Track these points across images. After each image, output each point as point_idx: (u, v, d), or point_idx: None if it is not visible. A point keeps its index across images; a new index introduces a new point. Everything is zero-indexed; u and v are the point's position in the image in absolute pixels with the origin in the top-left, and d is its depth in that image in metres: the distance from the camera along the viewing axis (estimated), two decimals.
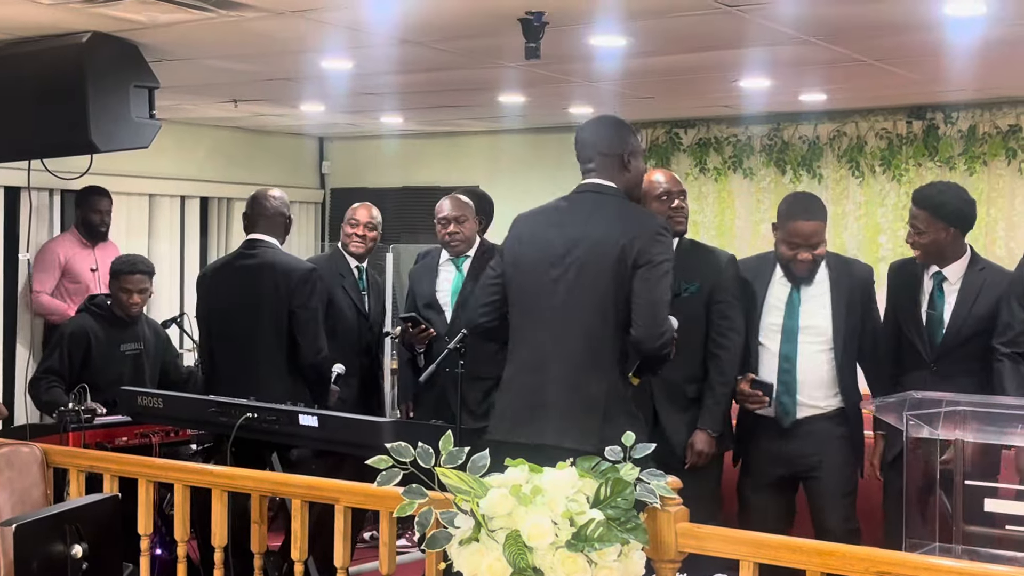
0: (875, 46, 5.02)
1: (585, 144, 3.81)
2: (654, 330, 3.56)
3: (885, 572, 2.58)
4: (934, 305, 4.17)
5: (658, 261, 3.59)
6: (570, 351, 3.61)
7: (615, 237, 3.60)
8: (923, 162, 7.23)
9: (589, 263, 3.61)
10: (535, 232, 3.79)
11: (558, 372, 3.61)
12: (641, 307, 3.56)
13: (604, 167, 3.75)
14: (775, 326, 4.30)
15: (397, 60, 5.48)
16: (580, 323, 3.61)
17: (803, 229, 4.21)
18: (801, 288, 4.29)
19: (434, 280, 5.37)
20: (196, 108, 7.37)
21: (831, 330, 4.26)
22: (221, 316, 5.06)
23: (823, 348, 4.27)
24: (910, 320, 4.22)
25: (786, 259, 4.27)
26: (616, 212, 3.71)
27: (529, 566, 2.65)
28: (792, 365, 4.26)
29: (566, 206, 3.79)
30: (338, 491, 3.36)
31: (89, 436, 4.74)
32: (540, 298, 3.68)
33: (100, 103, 4.61)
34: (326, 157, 9.58)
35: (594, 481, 2.79)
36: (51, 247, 6.78)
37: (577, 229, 3.67)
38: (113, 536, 3.41)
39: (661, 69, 5.65)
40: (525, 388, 3.66)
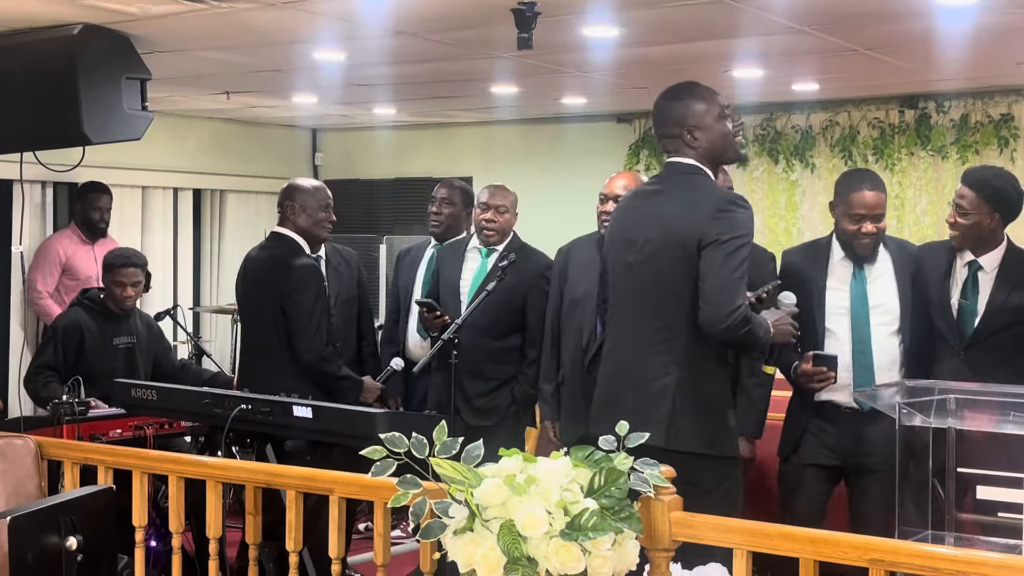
0: (867, 35, 5.02)
1: (653, 124, 3.76)
2: (719, 311, 3.40)
3: (878, 560, 2.60)
4: (966, 294, 4.06)
5: (725, 239, 3.43)
6: (644, 341, 3.55)
7: (680, 218, 3.51)
8: (915, 151, 7.23)
9: (658, 250, 3.54)
10: (620, 219, 3.75)
11: (632, 363, 3.57)
12: (706, 288, 3.42)
13: (673, 146, 3.63)
14: (842, 309, 4.14)
15: (390, 51, 5.47)
16: (654, 312, 3.54)
17: (867, 200, 4.07)
18: (864, 267, 4.16)
19: (460, 265, 5.23)
20: (188, 100, 7.36)
21: (899, 309, 4.12)
22: (240, 309, 5.17)
23: (894, 329, 4.13)
24: (938, 307, 4.09)
25: (850, 235, 4.11)
26: (686, 191, 3.58)
27: (523, 555, 2.66)
28: (867, 347, 4.09)
29: (650, 188, 3.76)
30: (332, 482, 3.36)
31: (83, 429, 4.74)
32: (621, 288, 3.65)
33: (92, 95, 4.59)
34: (319, 148, 9.57)
35: (588, 470, 2.79)
36: (51, 244, 6.77)
37: (650, 214, 3.61)
38: (108, 528, 3.42)
39: (654, 59, 5.65)
40: (607, 380, 3.64)
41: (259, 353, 4.90)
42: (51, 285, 6.70)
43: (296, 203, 4.90)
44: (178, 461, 3.73)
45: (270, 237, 5.01)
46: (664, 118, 3.67)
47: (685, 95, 3.65)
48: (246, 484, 3.57)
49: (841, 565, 2.70)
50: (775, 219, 7.67)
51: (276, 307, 4.78)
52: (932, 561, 2.56)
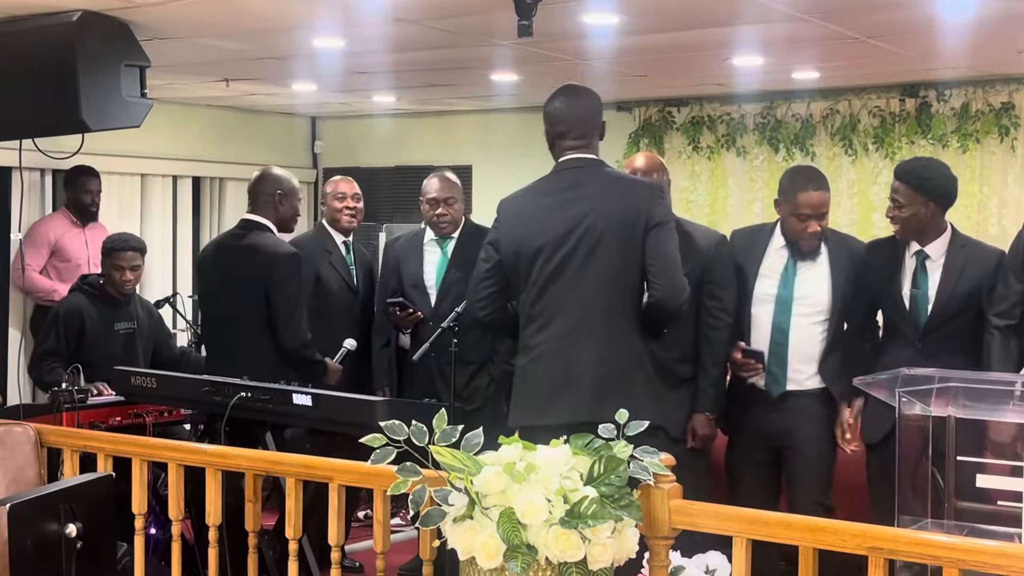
0: (868, 23, 5.00)
1: (562, 118, 3.78)
2: (675, 288, 3.62)
3: (878, 548, 2.60)
4: (917, 284, 4.15)
5: (665, 221, 3.66)
6: (593, 325, 3.63)
7: (617, 205, 3.62)
8: (916, 140, 7.22)
9: (598, 236, 3.62)
10: (531, 214, 3.77)
11: (585, 348, 3.62)
12: (659, 268, 3.61)
13: (589, 139, 3.76)
14: (768, 296, 4.29)
15: (389, 39, 5.46)
16: (599, 296, 3.62)
17: (813, 199, 4.19)
18: (799, 259, 4.27)
19: (421, 260, 5.36)
20: (188, 87, 7.34)
21: (828, 302, 4.24)
22: (210, 296, 5.14)
23: (817, 320, 4.26)
24: (890, 299, 4.21)
25: (795, 233, 4.23)
26: (610, 181, 3.73)
27: (523, 543, 2.66)
28: (784, 336, 4.26)
29: (555, 184, 3.77)
30: (332, 470, 3.36)
31: (82, 416, 4.74)
32: (551, 277, 3.66)
33: (91, 82, 4.58)
34: (318, 136, 9.56)
35: (588, 458, 2.79)
36: (40, 227, 6.76)
37: (577, 205, 3.66)
38: (107, 516, 3.41)
39: (654, 47, 5.64)
40: (551, 370, 3.66)
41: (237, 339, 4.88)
42: (38, 266, 6.68)
43: (284, 192, 4.96)
44: (178, 449, 3.73)
45: (242, 224, 5.01)
46: (594, 112, 3.80)
47: (593, 95, 3.86)
48: (246, 472, 3.57)
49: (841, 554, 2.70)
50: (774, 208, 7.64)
51: (260, 294, 4.79)
52: (932, 549, 2.56)
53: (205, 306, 5.26)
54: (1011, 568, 2.46)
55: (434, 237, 5.36)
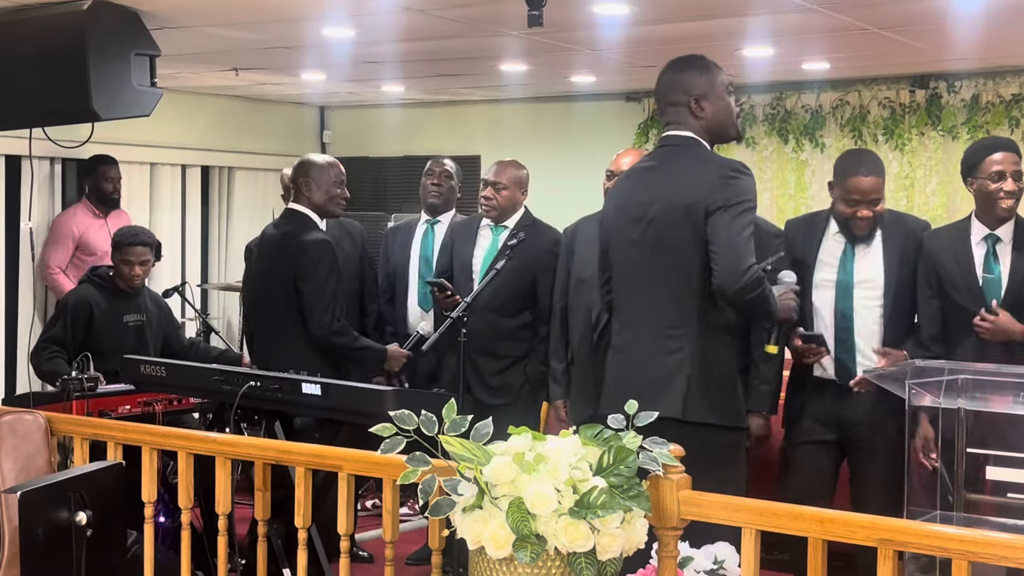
0: (879, 14, 4.99)
1: (656, 94, 3.72)
2: (734, 272, 3.39)
3: (887, 539, 2.59)
4: (990, 268, 4.04)
5: (731, 203, 3.45)
6: (655, 316, 3.55)
7: (683, 189, 3.51)
8: (926, 131, 7.21)
9: (664, 222, 3.52)
10: (621, 196, 3.73)
11: (645, 338, 3.57)
12: (717, 250, 3.43)
13: (676, 116, 3.63)
14: (828, 282, 4.19)
15: (399, 28, 5.46)
16: (665, 285, 3.54)
17: (862, 185, 4.09)
18: (856, 244, 4.18)
19: (473, 243, 5.24)
20: (197, 76, 7.35)
21: (883, 283, 4.14)
22: (251, 285, 5.22)
23: (877, 303, 4.16)
24: (964, 287, 4.05)
25: (845, 217, 4.15)
26: (687, 163, 3.58)
27: (532, 533, 2.66)
28: (849, 322, 4.15)
29: (648, 164, 3.73)
30: (341, 459, 3.36)
31: (92, 405, 4.75)
32: (628, 263, 3.63)
33: (101, 71, 4.59)
34: (327, 126, 9.56)
35: (597, 449, 2.79)
36: (64, 221, 6.77)
37: (651, 188, 3.59)
38: (117, 504, 3.43)
39: (664, 37, 5.62)
40: (623, 358, 3.63)
41: (275, 330, 4.90)
42: (64, 261, 6.70)
43: (311, 179, 4.90)
44: (188, 437, 3.74)
45: (284, 213, 5.01)
46: (671, 86, 3.66)
47: (694, 66, 3.67)
48: (255, 461, 3.58)
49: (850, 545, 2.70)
50: (784, 199, 7.65)
51: (289, 284, 4.80)
52: (942, 541, 2.56)
53: (247, 299, 5.29)
54: (1022, 561, 2.45)
55: (489, 223, 5.23)
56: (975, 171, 4.04)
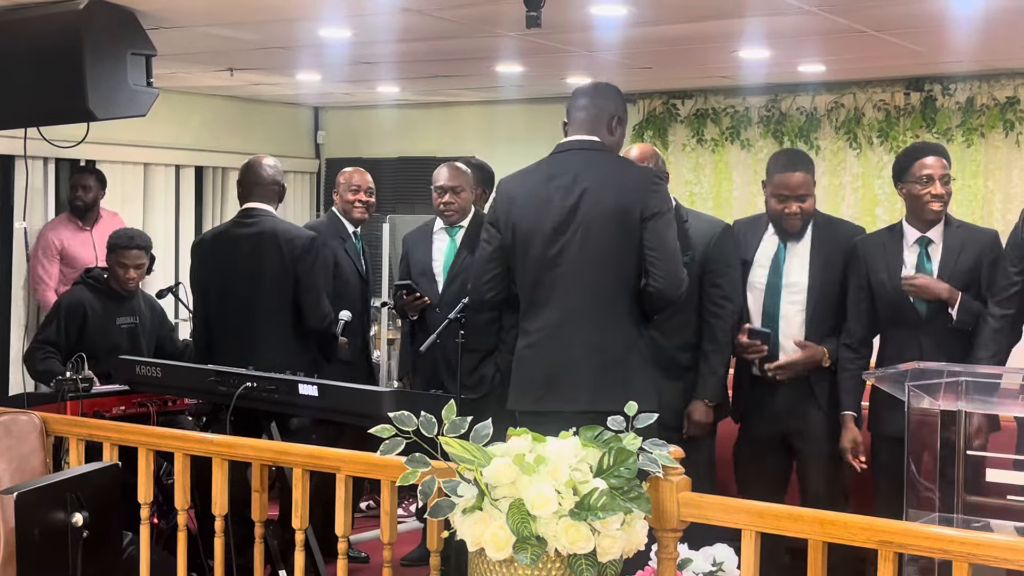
0: (876, 16, 4.99)
1: (575, 102, 3.83)
2: (675, 280, 3.62)
3: (888, 541, 2.59)
4: (923, 269, 4.14)
5: (663, 211, 3.64)
6: (589, 312, 3.62)
7: (611, 193, 3.62)
8: (920, 134, 7.21)
9: (594, 221, 3.61)
10: (528, 196, 3.75)
11: (581, 335, 3.62)
12: (659, 259, 3.60)
13: (591, 123, 3.76)
14: (759, 284, 4.33)
15: (396, 28, 5.45)
16: (595, 283, 3.62)
17: (789, 180, 4.22)
18: (788, 244, 4.30)
19: (429, 248, 5.37)
20: (191, 77, 7.33)
21: (807, 286, 4.27)
22: (219, 284, 5.02)
23: (801, 308, 4.29)
24: (891, 289, 4.14)
25: (776, 214, 4.28)
26: (608, 166, 3.71)
27: (532, 534, 2.65)
28: (774, 321, 4.28)
29: (554, 167, 3.75)
30: (339, 460, 3.36)
31: (86, 405, 4.72)
32: (549, 263, 3.66)
33: (97, 70, 4.57)
34: (321, 127, 9.55)
35: (597, 450, 2.79)
36: (47, 234, 6.73)
37: (574, 190, 3.65)
38: (113, 505, 3.41)
39: (661, 39, 5.62)
40: (548, 356, 3.66)
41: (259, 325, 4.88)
42: (55, 275, 6.69)
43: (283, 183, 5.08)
44: (184, 438, 3.73)
45: (248, 212, 4.99)
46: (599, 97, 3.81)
47: (619, 92, 3.89)
48: (253, 462, 3.57)
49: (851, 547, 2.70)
50: None
51: (286, 279, 4.81)
52: (943, 543, 2.56)
53: (205, 297, 5.09)
54: (1022, 563, 2.45)
55: (444, 226, 5.36)
56: (905, 175, 4.16)
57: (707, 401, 4.27)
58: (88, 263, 6.54)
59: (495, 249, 3.81)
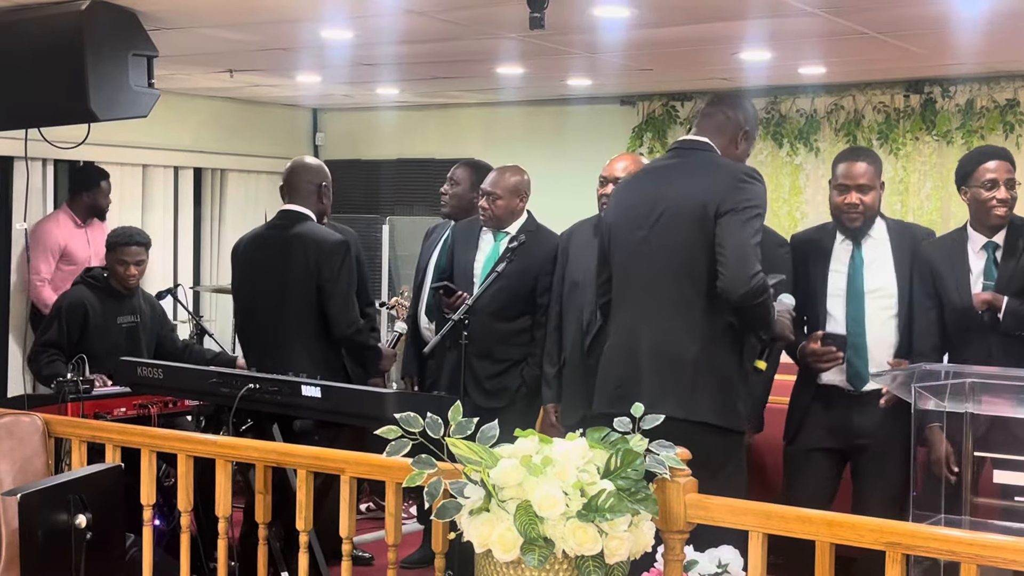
0: (877, 18, 4.99)
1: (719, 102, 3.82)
2: (740, 276, 3.43)
3: (896, 543, 2.59)
4: (991, 275, 4.04)
5: (742, 207, 3.49)
6: (659, 315, 3.56)
7: (696, 190, 3.54)
8: (920, 136, 7.21)
9: (672, 221, 3.55)
10: (626, 197, 3.75)
11: (649, 338, 3.57)
12: (725, 253, 3.46)
13: (711, 127, 3.73)
14: (839, 290, 4.18)
15: (398, 30, 5.44)
16: (669, 285, 3.56)
17: (852, 170, 4.14)
18: (863, 248, 4.19)
19: (474, 247, 5.18)
20: (190, 78, 7.32)
21: (897, 291, 4.14)
22: (251, 287, 5.01)
23: (891, 313, 4.15)
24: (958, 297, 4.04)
25: (836, 207, 4.18)
26: (700, 165, 3.64)
27: (540, 536, 2.65)
28: (861, 328, 4.13)
29: (660, 164, 3.77)
30: (344, 461, 3.34)
31: (87, 407, 4.73)
32: (631, 263, 3.63)
33: (99, 72, 4.56)
34: (320, 128, 9.54)
35: (604, 452, 2.79)
36: (49, 229, 6.69)
37: (660, 187, 3.62)
38: (116, 506, 3.41)
39: (663, 40, 5.62)
40: (621, 357, 3.62)
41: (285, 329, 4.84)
42: (50, 271, 6.65)
43: (328, 183, 4.98)
44: (188, 440, 3.72)
45: (285, 215, 4.95)
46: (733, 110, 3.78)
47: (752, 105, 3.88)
48: (256, 463, 3.56)
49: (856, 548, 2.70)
50: (779, 203, 7.64)
51: (310, 283, 4.77)
52: (950, 544, 2.56)
53: (242, 299, 5.10)
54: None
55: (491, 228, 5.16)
56: (969, 180, 4.09)
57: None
58: (84, 261, 6.54)
59: (600, 255, 3.82)
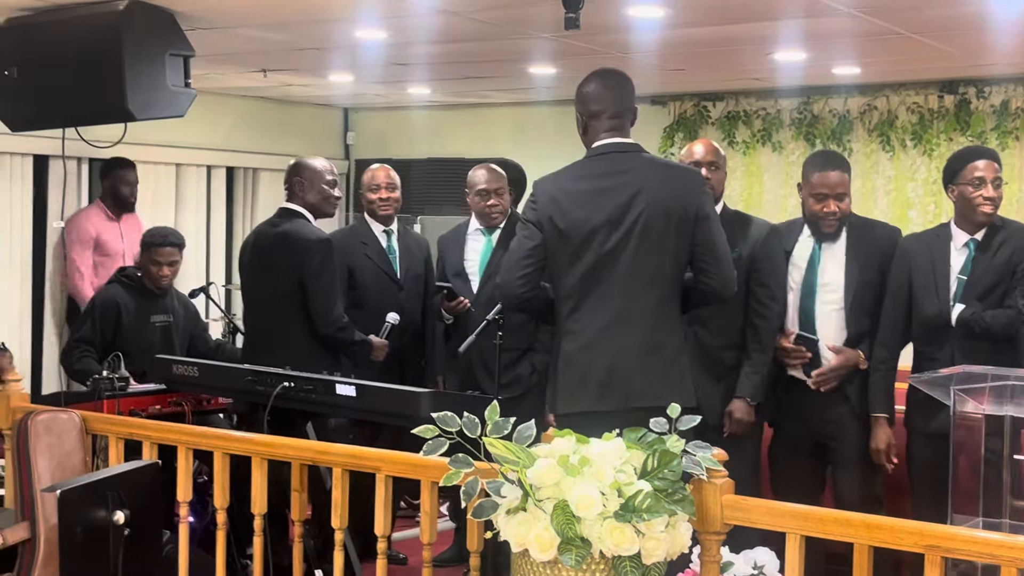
0: (916, 18, 4.97)
1: (597, 98, 3.74)
2: (729, 280, 3.70)
3: (935, 546, 2.58)
4: (966, 271, 4.09)
5: (712, 211, 3.72)
6: (645, 312, 3.63)
7: (668, 194, 3.63)
8: (954, 137, 7.17)
9: (650, 223, 3.60)
10: (575, 195, 3.70)
11: (638, 333, 3.62)
12: (713, 259, 3.66)
13: (619, 120, 3.74)
14: (795, 284, 4.34)
15: (432, 30, 5.45)
16: (648, 284, 3.63)
17: (829, 179, 4.25)
18: (823, 245, 4.31)
19: (463, 249, 5.34)
20: (224, 77, 7.36)
21: (843, 285, 4.27)
22: (248, 284, 5.22)
23: (837, 306, 4.29)
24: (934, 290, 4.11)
25: (814, 214, 4.29)
26: (654, 167, 3.76)
27: (577, 536, 2.65)
28: (811, 321, 4.29)
29: (598, 168, 3.72)
30: (380, 460, 3.35)
31: (123, 404, 4.74)
32: (604, 264, 3.63)
33: (136, 71, 4.59)
34: (351, 128, 9.57)
35: (641, 452, 2.79)
36: (82, 223, 6.73)
37: (625, 190, 3.63)
38: (154, 503, 3.44)
39: (697, 41, 5.61)
40: (603, 355, 3.62)
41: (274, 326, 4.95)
42: (89, 264, 6.70)
43: (304, 179, 5.02)
44: (224, 438, 3.74)
45: (280, 212, 5.08)
46: (619, 96, 3.76)
47: (627, 79, 3.84)
48: (292, 461, 3.57)
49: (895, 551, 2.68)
50: None
51: (293, 281, 4.85)
52: (991, 548, 2.54)
53: (244, 294, 5.35)
54: None
55: (479, 227, 5.31)
56: (956, 178, 4.15)
57: (748, 399, 4.28)
58: (117, 253, 6.59)
59: (535, 246, 3.72)
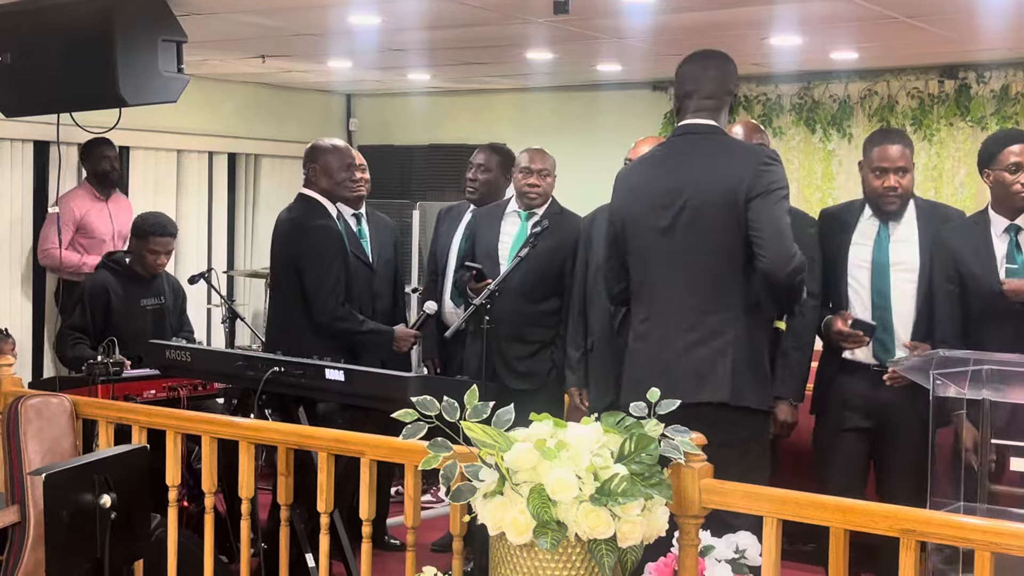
0: (909, 2, 4.95)
1: (691, 78, 3.66)
2: (782, 256, 3.44)
3: (910, 530, 2.58)
4: (1014, 259, 4.01)
5: (772, 189, 3.49)
6: (695, 301, 3.53)
7: (719, 175, 3.51)
8: (954, 122, 7.15)
9: (700, 207, 3.51)
10: (637, 185, 3.68)
11: (686, 324, 3.54)
12: (764, 236, 3.45)
13: (712, 105, 3.64)
14: (864, 262, 4.16)
15: (426, 15, 5.46)
16: (702, 270, 3.53)
17: (890, 153, 4.10)
18: (890, 224, 4.16)
19: (498, 229, 5.18)
20: (224, 64, 7.37)
21: (919, 267, 4.11)
22: (270, 272, 5.32)
23: (912, 286, 4.11)
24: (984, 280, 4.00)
25: (875, 191, 4.14)
26: (718, 149, 3.60)
27: (553, 519, 2.66)
28: (886, 300, 4.12)
29: (666, 151, 3.69)
30: (363, 444, 3.37)
31: (117, 389, 4.77)
32: (655, 251, 3.59)
33: (128, 57, 4.59)
34: (353, 114, 9.57)
35: (618, 436, 2.79)
36: (65, 202, 6.74)
37: (679, 174, 3.57)
38: (142, 487, 3.45)
39: (690, 25, 5.60)
40: (654, 347, 3.60)
41: (283, 314, 4.97)
42: (65, 241, 6.70)
43: (317, 164, 4.96)
44: (212, 422, 3.75)
45: (296, 199, 5.07)
46: (719, 76, 3.65)
47: (728, 61, 3.71)
48: (278, 445, 3.59)
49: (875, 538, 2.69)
50: (811, 189, 7.61)
51: (293, 269, 4.85)
52: (965, 532, 2.54)
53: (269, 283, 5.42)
54: None
55: (516, 208, 5.17)
56: (992, 163, 4.06)
57: (791, 400, 4.16)
58: (104, 234, 6.60)
59: (609, 243, 3.75)
